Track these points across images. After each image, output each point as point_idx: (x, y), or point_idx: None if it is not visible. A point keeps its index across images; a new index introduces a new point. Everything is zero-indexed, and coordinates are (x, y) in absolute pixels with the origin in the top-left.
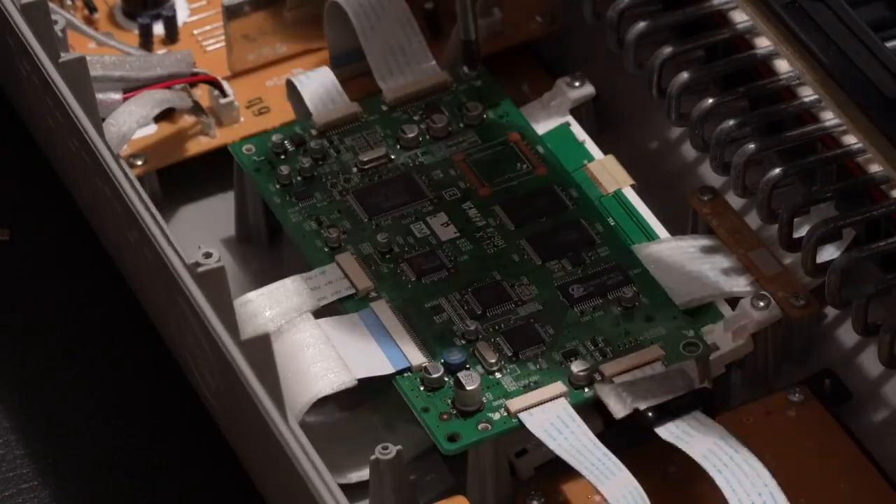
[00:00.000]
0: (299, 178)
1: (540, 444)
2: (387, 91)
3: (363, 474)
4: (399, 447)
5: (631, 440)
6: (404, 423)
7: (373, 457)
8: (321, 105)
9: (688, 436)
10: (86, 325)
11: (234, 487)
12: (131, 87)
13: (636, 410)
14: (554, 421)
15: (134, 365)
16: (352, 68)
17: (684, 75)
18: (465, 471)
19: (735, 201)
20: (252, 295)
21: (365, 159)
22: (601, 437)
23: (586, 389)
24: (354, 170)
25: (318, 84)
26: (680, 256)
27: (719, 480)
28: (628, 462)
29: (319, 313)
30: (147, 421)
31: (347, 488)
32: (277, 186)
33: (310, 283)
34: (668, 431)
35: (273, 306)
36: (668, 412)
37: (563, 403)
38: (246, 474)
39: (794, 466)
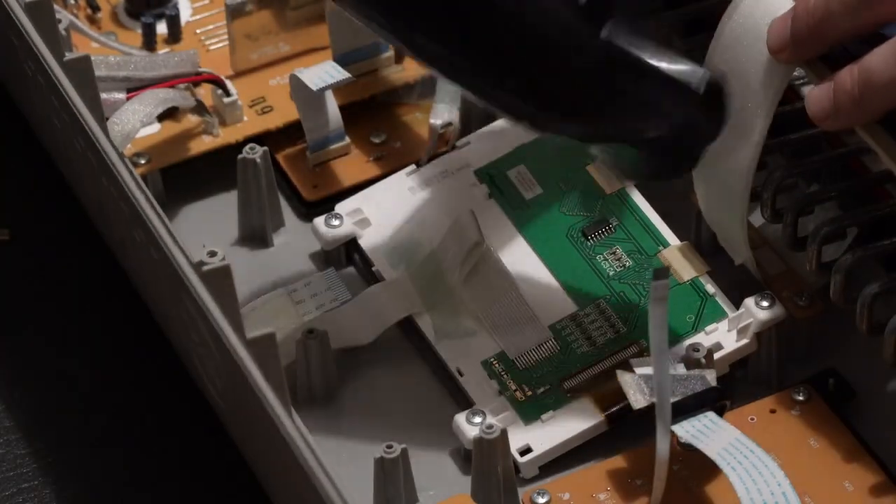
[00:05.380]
0: None
1: (544, 444)
2: None
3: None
4: (403, 446)
5: (635, 439)
6: None
7: (377, 455)
8: None
9: (703, 434)
10: (88, 324)
11: (239, 486)
12: (135, 87)
13: (654, 405)
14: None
15: (138, 364)
16: (355, 67)
17: None
18: (470, 470)
19: None
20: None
21: None
22: (603, 436)
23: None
24: None
25: None
26: None
27: (733, 478)
28: (632, 461)
29: None
30: (151, 420)
31: None
32: None
33: (295, 297)
34: (684, 430)
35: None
36: (681, 410)
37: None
38: (252, 473)
39: (798, 465)
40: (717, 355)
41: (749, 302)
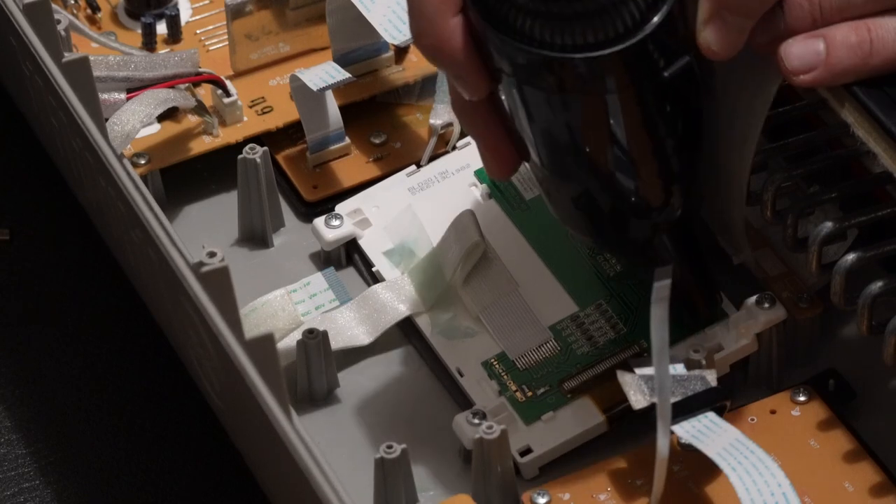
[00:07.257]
0: None
1: (544, 444)
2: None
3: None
4: (403, 446)
5: (635, 440)
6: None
7: (377, 455)
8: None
9: (703, 435)
10: (88, 325)
11: (238, 487)
12: (135, 87)
13: (655, 405)
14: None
15: (138, 365)
16: (355, 67)
17: None
18: (470, 470)
19: None
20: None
21: None
22: (603, 436)
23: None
24: None
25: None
26: None
27: (733, 479)
28: (632, 461)
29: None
30: (151, 420)
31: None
32: None
33: (294, 297)
34: (684, 430)
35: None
36: (682, 410)
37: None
38: (250, 474)
39: (798, 465)
40: (717, 356)
41: (749, 302)
